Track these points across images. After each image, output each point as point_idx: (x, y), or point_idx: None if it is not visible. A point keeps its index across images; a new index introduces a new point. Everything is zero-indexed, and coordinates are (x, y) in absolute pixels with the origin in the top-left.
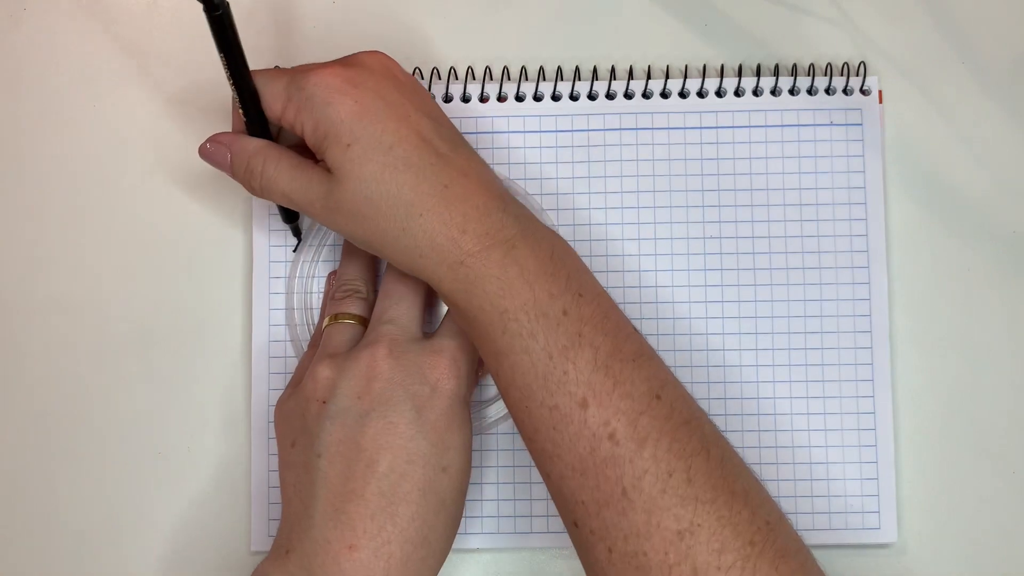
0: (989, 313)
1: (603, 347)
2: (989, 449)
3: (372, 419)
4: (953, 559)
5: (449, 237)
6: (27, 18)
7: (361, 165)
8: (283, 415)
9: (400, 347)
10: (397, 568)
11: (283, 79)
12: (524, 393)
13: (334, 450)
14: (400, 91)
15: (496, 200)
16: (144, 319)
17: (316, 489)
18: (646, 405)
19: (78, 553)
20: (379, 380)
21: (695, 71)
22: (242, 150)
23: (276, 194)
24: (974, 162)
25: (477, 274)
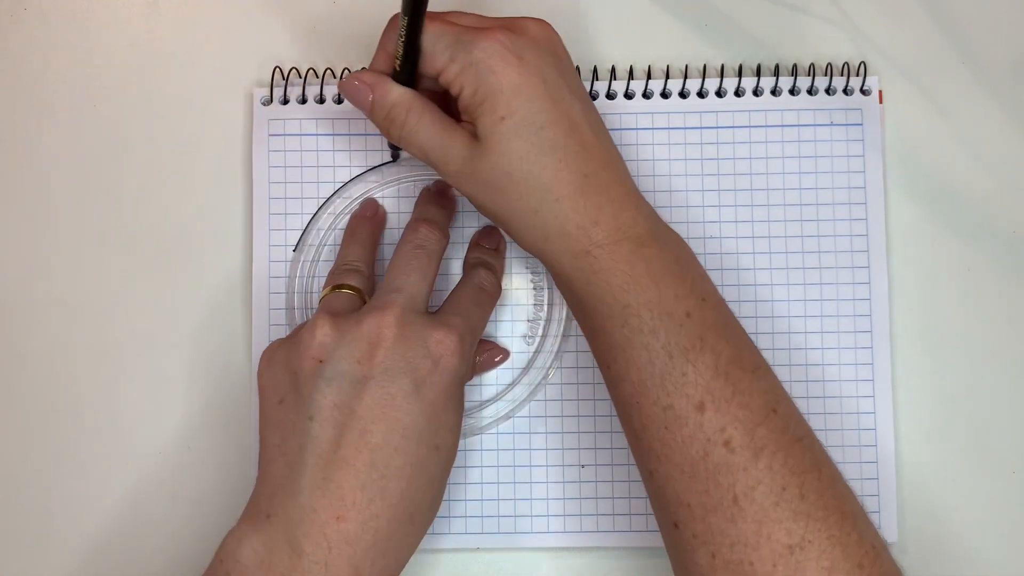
0: (989, 313)
1: (724, 354)
2: (989, 449)
3: (371, 387)
4: (953, 559)
5: (580, 226)
6: (27, 18)
7: (510, 140)
8: (271, 367)
9: (407, 317)
10: (382, 543)
11: (449, 37)
12: (637, 389)
13: (327, 414)
14: (558, 69)
15: (631, 195)
16: (144, 319)
17: (304, 454)
18: (763, 417)
19: (78, 553)
20: (383, 347)
21: (695, 71)
22: (386, 95)
23: (413, 146)
24: (974, 162)
25: (603, 266)
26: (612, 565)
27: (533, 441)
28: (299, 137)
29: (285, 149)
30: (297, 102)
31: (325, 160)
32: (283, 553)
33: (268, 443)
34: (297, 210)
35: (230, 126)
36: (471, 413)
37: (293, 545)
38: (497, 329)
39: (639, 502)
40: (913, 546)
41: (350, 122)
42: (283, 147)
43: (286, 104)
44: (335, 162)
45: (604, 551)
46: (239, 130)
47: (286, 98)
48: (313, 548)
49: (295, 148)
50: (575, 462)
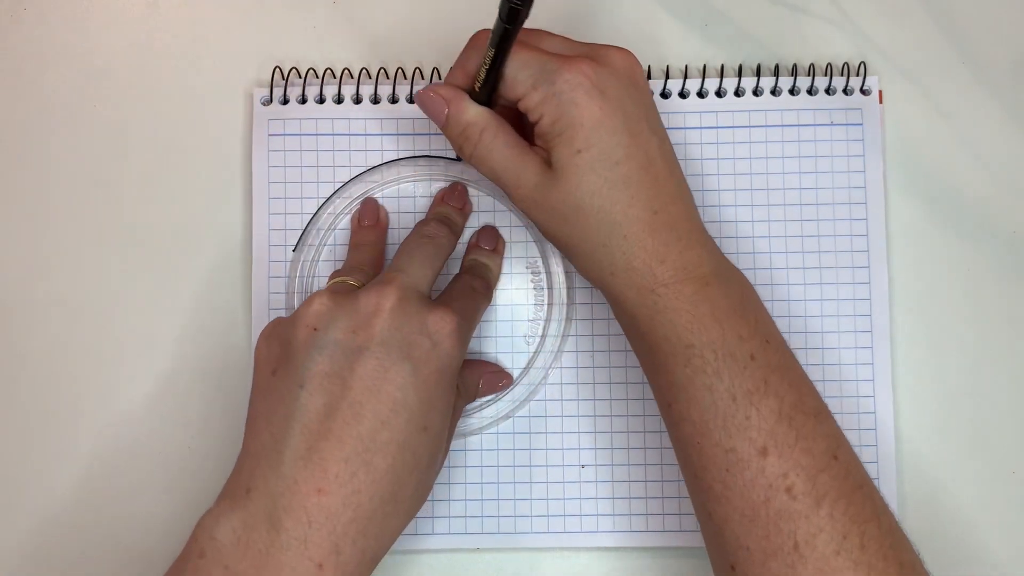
0: (989, 313)
1: (787, 397)
2: (989, 449)
3: (364, 358)
4: (953, 559)
5: (646, 263)
6: (27, 18)
7: (584, 174)
8: (267, 340)
9: (407, 294)
10: (363, 520)
11: (534, 65)
12: (699, 429)
13: (317, 383)
14: (638, 102)
15: (698, 233)
16: (144, 319)
17: (291, 423)
18: (825, 464)
19: (78, 553)
20: (380, 319)
21: (695, 71)
22: (462, 112)
23: (484, 166)
24: (974, 162)
25: (667, 305)
26: (612, 565)
27: (533, 441)
28: (299, 137)
29: (285, 149)
30: (297, 102)
31: (325, 160)
32: (262, 529)
33: (256, 414)
34: (297, 210)
35: (230, 126)
36: (471, 413)
37: (272, 520)
38: (497, 329)
39: (639, 502)
40: None
41: (350, 122)
42: (283, 147)
43: (286, 104)
44: (335, 162)
45: (604, 551)
46: (239, 130)
47: (286, 98)
48: (293, 523)
49: (295, 148)
50: (575, 462)
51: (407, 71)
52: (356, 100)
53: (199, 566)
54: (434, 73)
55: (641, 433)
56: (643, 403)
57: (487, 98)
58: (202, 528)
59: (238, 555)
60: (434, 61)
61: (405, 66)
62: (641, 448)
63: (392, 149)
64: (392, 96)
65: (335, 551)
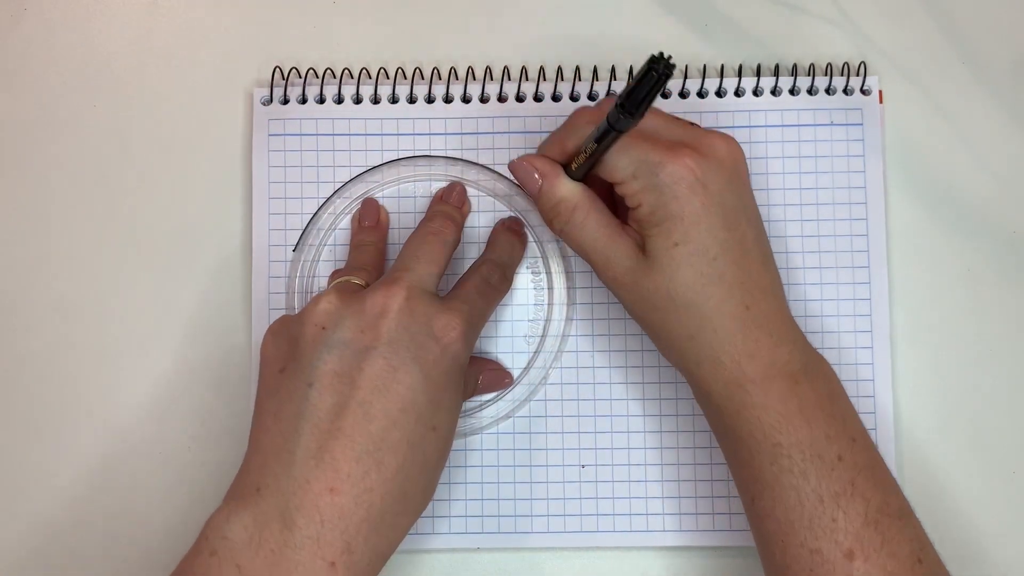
0: (989, 313)
1: (873, 500)
2: (989, 449)
3: (373, 357)
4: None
5: (734, 359)
6: (27, 18)
7: (679, 267)
8: (274, 338)
9: (415, 293)
10: (375, 519)
11: (635, 153)
12: (784, 528)
13: (327, 381)
14: (739, 194)
15: (787, 326)
16: (144, 319)
17: (301, 422)
18: (909, 568)
19: (79, 553)
20: (388, 319)
21: (695, 71)
22: (556, 187)
23: (574, 242)
24: (974, 162)
25: (755, 401)
26: (612, 565)
27: (533, 441)
28: (299, 137)
29: (285, 149)
30: (297, 102)
31: (325, 160)
32: (274, 527)
33: (264, 411)
34: (297, 210)
35: (230, 126)
36: (471, 413)
37: (285, 518)
38: (497, 329)
39: (639, 502)
40: None
41: (350, 122)
42: (283, 147)
43: (286, 104)
44: (335, 162)
45: (604, 551)
46: (239, 130)
47: (286, 98)
48: (306, 521)
49: (295, 148)
50: (575, 462)
51: (407, 71)
52: (356, 100)
53: (210, 564)
54: (434, 73)
55: (641, 433)
56: (643, 403)
57: (582, 176)
58: (212, 527)
59: (250, 553)
60: (433, 61)
61: (405, 66)
62: (641, 448)
63: (392, 149)
64: (392, 96)
65: (347, 550)
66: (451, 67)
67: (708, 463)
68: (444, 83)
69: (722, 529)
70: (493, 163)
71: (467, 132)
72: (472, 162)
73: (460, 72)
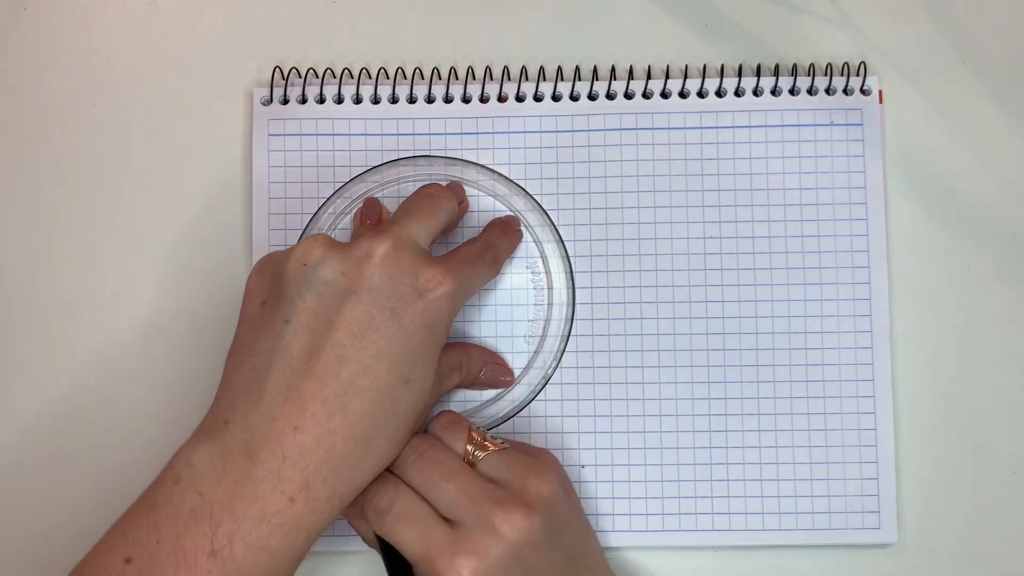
0: (989, 313)
1: None
2: (989, 449)
3: (352, 300)
4: (953, 559)
5: None
6: (27, 18)
7: None
8: (258, 272)
9: (404, 245)
10: (335, 460)
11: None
12: None
13: (303, 320)
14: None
15: None
16: (144, 319)
17: (273, 358)
18: None
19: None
20: (371, 264)
21: (695, 71)
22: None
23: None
24: (974, 162)
25: None
26: (612, 565)
27: (533, 441)
28: (299, 137)
29: (285, 149)
30: (297, 102)
31: (325, 160)
32: (238, 460)
33: (239, 345)
34: (297, 210)
35: (230, 126)
36: (471, 414)
37: (249, 451)
38: (497, 329)
39: (639, 502)
40: (913, 546)
41: (350, 122)
42: (283, 147)
43: (286, 104)
44: (335, 162)
45: (603, 551)
46: (239, 130)
47: (286, 98)
48: (268, 456)
49: (295, 148)
50: (575, 462)
51: (407, 71)
52: (356, 100)
53: (173, 491)
54: (434, 73)
55: (641, 433)
56: (643, 403)
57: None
58: (179, 457)
59: (213, 482)
60: (433, 61)
61: (405, 66)
62: (641, 448)
63: (392, 149)
64: (392, 96)
65: (306, 487)
66: (451, 67)
67: (708, 463)
68: (444, 83)
69: (722, 529)
70: (493, 163)
71: (467, 132)
72: (472, 162)
73: (460, 72)
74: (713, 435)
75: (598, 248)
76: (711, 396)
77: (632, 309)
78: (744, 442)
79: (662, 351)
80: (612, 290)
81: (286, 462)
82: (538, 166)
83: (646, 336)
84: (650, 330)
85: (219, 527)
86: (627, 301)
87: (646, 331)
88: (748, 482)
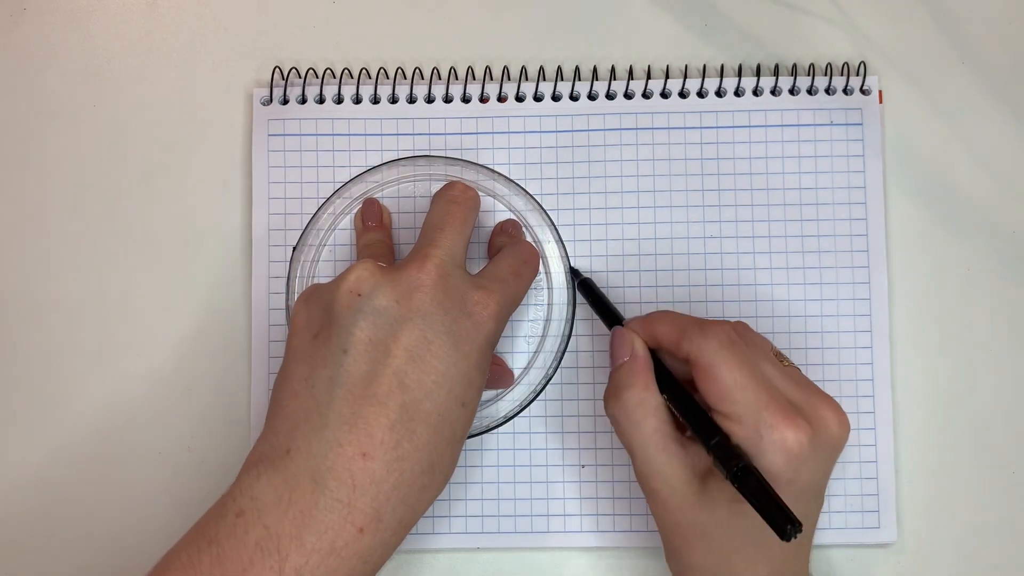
0: (989, 313)
1: None
2: (989, 449)
3: (408, 327)
4: (953, 559)
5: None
6: (27, 18)
7: (732, 521)
8: (307, 305)
9: (447, 268)
10: (404, 489)
11: (751, 399)
12: None
13: (362, 348)
14: (825, 472)
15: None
16: (143, 319)
17: (334, 387)
18: None
19: (79, 553)
20: (422, 291)
21: (695, 71)
22: (638, 385)
23: (622, 432)
24: (974, 162)
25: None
26: (612, 565)
27: (533, 441)
28: (299, 137)
29: (285, 149)
30: (297, 102)
31: (325, 160)
32: (305, 488)
33: (294, 377)
34: (297, 210)
35: (230, 126)
36: None
37: (316, 479)
38: None
39: (639, 502)
40: (913, 546)
41: (350, 122)
42: (283, 147)
43: (286, 104)
44: (335, 162)
45: (604, 551)
46: (239, 130)
47: (286, 98)
48: (337, 484)
49: (295, 148)
50: (575, 462)
51: (407, 71)
52: (356, 100)
53: (236, 524)
54: (434, 73)
55: None
56: None
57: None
58: (241, 488)
59: (279, 514)
60: (433, 61)
61: (405, 66)
62: None
63: (392, 149)
64: (392, 96)
65: (376, 517)
66: (451, 67)
67: None
68: (444, 83)
69: None
70: (493, 163)
71: (467, 132)
72: (472, 162)
73: (460, 72)
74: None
75: (598, 248)
76: None
77: (631, 309)
78: None
79: None
80: (612, 290)
81: (356, 491)
82: (538, 166)
83: None
84: None
85: (287, 561)
86: (627, 301)
87: None
88: None
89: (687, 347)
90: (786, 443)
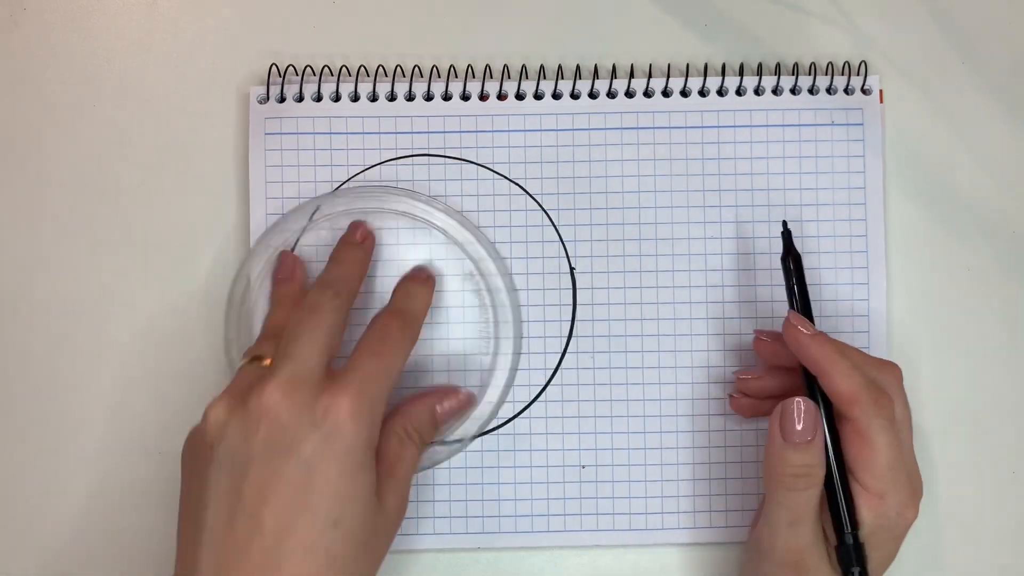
0: (989, 313)
1: None
2: (989, 449)
3: (256, 465)
4: (953, 559)
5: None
6: (27, 18)
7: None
8: (185, 458)
9: (294, 383)
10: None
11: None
12: None
13: (221, 501)
14: None
15: None
16: (144, 319)
17: (202, 539)
18: None
19: (79, 553)
20: (267, 418)
21: (695, 70)
22: (818, 481)
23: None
24: (974, 162)
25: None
26: (612, 564)
27: (533, 441)
28: (296, 136)
29: (282, 148)
30: (294, 100)
31: (322, 160)
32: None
33: (181, 518)
34: None
35: (227, 125)
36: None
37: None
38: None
39: (639, 502)
40: (913, 546)
41: (347, 121)
42: (280, 146)
43: (283, 102)
44: (332, 162)
45: (604, 550)
46: (236, 129)
47: (283, 96)
48: None
49: (292, 147)
50: (575, 462)
51: (406, 69)
52: (354, 98)
53: None
54: (433, 71)
55: (641, 433)
56: (643, 404)
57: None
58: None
59: None
60: (433, 59)
61: (404, 64)
62: (641, 448)
63: (391, 148)
64: (391, 94)
65: None
66: (450, 65)
67: (707, 462)
68: (443, 81)
69: (719, 526)
70: (493, 162)
71: (467, 130)
72: (472, 161)
73: (460, 70)
74: (712, 435)
75: (598, 248)
76: (711, 396)
77: (632, 309)
78: (743, 441)
79: (662, 351)
80: (612, 290)
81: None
82: (538, 165)
83: (646, 336)
84: (650, 330)
85: None
86: (627, 302)
87: (645, 331)
88: (748, 480)
89: (857, 412)
90: (908, 524)
